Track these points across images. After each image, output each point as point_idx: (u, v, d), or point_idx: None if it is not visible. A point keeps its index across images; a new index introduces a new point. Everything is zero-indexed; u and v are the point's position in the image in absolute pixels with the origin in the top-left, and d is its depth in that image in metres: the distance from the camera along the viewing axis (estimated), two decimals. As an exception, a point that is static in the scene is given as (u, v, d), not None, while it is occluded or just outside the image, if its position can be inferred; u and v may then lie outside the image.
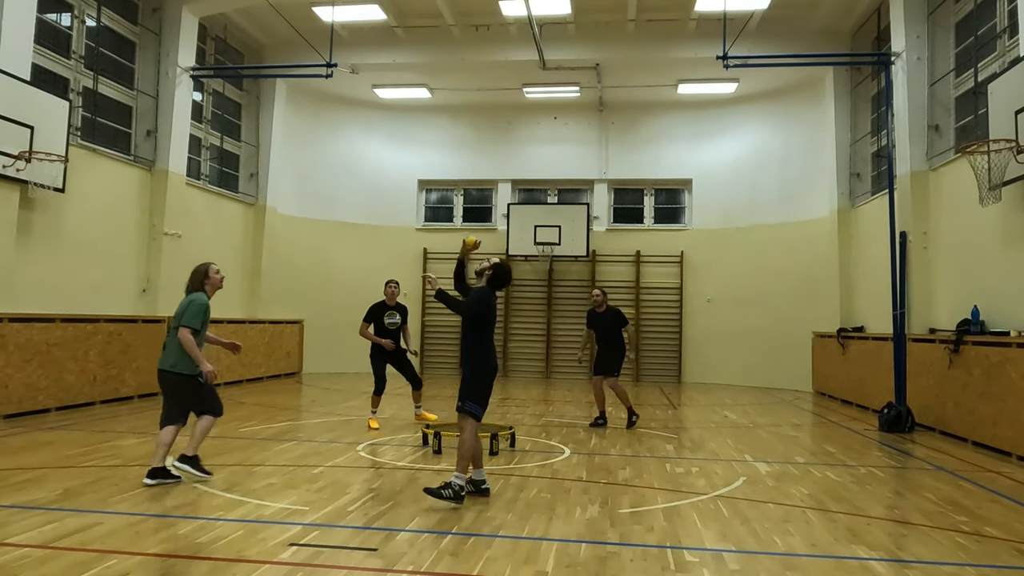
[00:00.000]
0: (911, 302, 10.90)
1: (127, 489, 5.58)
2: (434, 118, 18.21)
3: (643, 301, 17.20)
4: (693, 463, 7.27)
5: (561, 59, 14.91)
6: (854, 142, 14.55)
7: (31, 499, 5.20)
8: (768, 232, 16.29)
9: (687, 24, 14.12)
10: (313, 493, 5.63)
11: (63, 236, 10.61)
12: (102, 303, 11.23)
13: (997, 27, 9.84)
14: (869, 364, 11.87)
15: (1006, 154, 8.15)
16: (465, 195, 18.65)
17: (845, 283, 14.35)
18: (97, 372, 10.36)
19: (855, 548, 4.55)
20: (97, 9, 11.66)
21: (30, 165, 9.34)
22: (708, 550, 4.45)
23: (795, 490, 6.14)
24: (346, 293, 17.36)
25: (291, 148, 16.92)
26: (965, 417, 8.76)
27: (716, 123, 17.21)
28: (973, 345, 8.67)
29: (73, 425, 8.66)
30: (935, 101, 11.14)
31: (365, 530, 4.73)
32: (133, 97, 12.58)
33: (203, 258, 6.96)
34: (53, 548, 4.14)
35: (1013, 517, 5.40)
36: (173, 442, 5.91)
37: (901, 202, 11.16)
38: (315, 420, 9.68)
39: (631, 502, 5.60)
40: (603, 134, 17.79)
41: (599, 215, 17.71)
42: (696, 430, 9.54)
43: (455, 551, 4.32)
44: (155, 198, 12.51)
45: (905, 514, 5.46)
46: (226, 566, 3.95)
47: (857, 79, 14.58)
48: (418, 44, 15.13)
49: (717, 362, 16.67)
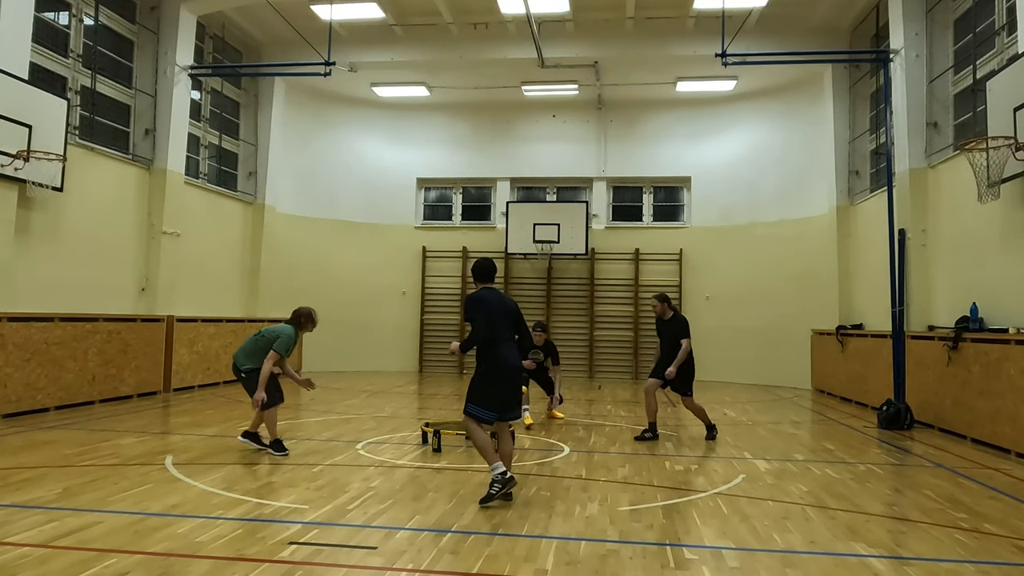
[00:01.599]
0: (910, 299, 10.91)
1: (127, 488, 5.58)
2: (433, 116, 18.21)
3: (642, 299, 17.19)
4: (692, 461, 7.28)
5: (560, 57, 14.91)
6: (853, 139, 14.55)
7: (30, 498, 5.20)
8: (767, 230, 16.29)
9: (686, 22, 14.11)
10: (313, 492, 5.63)
11: (62, 235, 10.60)
12: (101, 302, 11.22)
13: (996, 24, 9.84)
14: (868, 361, 11.88)
15: (1005, 151, 8.15)
16: (464, 193, 18.65)
17: (844, 280, 14.36)
18: (96, 371, 10.36)
19: (854, 545, 4.56)
20: (95, 8, 11.65)
21: (28, 164, 9.33)
22: (707, 547, 4.46)
23: (794, 487, 6.15)
24: (345, 291, 17.40)
25: (290, 147, 16.92)
26: (964, 414, 8.77)
27: (715, 121, 17.21)
28: (972, 342, 8.68)
29: (72, 424, 8.66)
30: (934, 98, 11.14)
31: (365, 528, 4.73)
32: (131, 96, 12.57)
33: (202, 258, 7.04)
34: (53, 547, 4.14)
35: (1012, 514, 5.40)
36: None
37: (900, 199, 11.16)
38: (314, 419, 9.67)
39: (631, 500, 5.61)
40: (602, 132, 17.78)
41: (598, 213, 17.72)
42: (695, 428, 9.53)
43: (455, 549, 4.32)
44: (154, 197, 12.50)
45: (904, 511, 5.47)
46: (226, 565, 3.95)
47: (856, 76, 14.58)
48: (417, 42, 15.12)
49: (716, 360, 16.65)
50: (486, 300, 5.52)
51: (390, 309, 17.77)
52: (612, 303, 17.40)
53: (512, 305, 5.70)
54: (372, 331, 17.55)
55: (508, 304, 5.65)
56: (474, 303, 5.51)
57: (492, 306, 5.50)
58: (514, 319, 5.64)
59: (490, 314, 5.46)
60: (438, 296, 17.84)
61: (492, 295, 5.60)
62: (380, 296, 17.80)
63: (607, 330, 17.33)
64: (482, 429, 5.52)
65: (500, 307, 5.55)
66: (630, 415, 10.64)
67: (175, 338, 12.09)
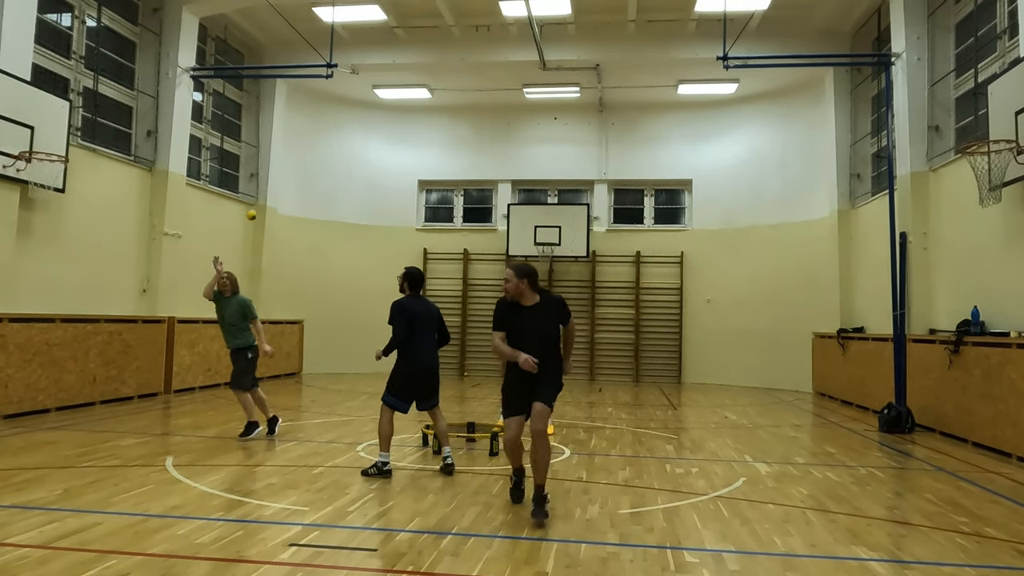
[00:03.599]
0: (911, 303, 10.90)
1: (127, 489, 5.58)
2: (434, 118, 18.22)
3: (643, 302, 17.20)
4: (693, 463, 7.27)
5: (561, 59, 14.92)
6: (854, 143, 14.55)
7: (31, 499, 5.20)
8: (768, 233, 16.29)
9: (687, 25, 14.13)
10: (313, 493, 5.63)
11: (63, 236, 10.61)
12: (102, 303, 11.23)
13: (997, 28, 9.84)
14: (869, 365, 11.87)
15: (1006, 155, 8.15)
16: (465, 195, 18.65)
17: (845, 284, 14.36)
18: (97, 372, 10.36)
19: (855, 549, 4.55)
20: (97, 9, 11.67)
21: (30, 165, 9.34)
22: (708, 551, 4.45)
23: (795, 491, 6.14)
24: (346, 293, 17.41)
25: (291, 148, 16.93)
26: (965, 418, 8.76)
27: (716, 124, 17.22)
28: (973, 346, 8.67)
29: (73, 425, 8.66)
30: (935, 102, 11.14)
31: (365, 530, 4.73)
32: (133, 97, 12.59)
33: (204, 259, 7.12)
34: (53, 548, 4.14)
35: (1013, 518, 5.40)
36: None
37: (901, 203, 11.16)
38: (315, 420, 9.67)
39: (631, 502, 5.60)
40: (603, 134, 17.79)
41: (599, 215, 17.72)
42: (696, 430, 9.54)
43: (455, 551, 4.32)
44: (155, 198, 12.51)
45: (905, 515, 5.46)
46: (226, 566, 3.95)
47: (857, 80, 14.58)
48: (418, 44, 15.14)
49: (717, 363, 16.68)
50: (408, 307, 6.37)
51: (391, 311, 17.73)
52: (613, 305, 17.39)
53: (434, 311, 6.60)
54: (373, 333, 17.46)
55: (431, 309, 6.56)
56: (397, 310, 6.34)
57: (413, 312, 6.36)
58: (435, 323, 6.55)
59: (411, 320, 6.33)
60: (439, 298, 17.80)
61: (414, 302, 6.45)
62: (381, 298, 17.48)
63: (608, 332, 17.32)
64: (391, 416, 6.45)
65: (423, 312, 6.44)
66: (631, 418, 10.63)
67: (176, 339, 12.10)
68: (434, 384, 6.61)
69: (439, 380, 6.71)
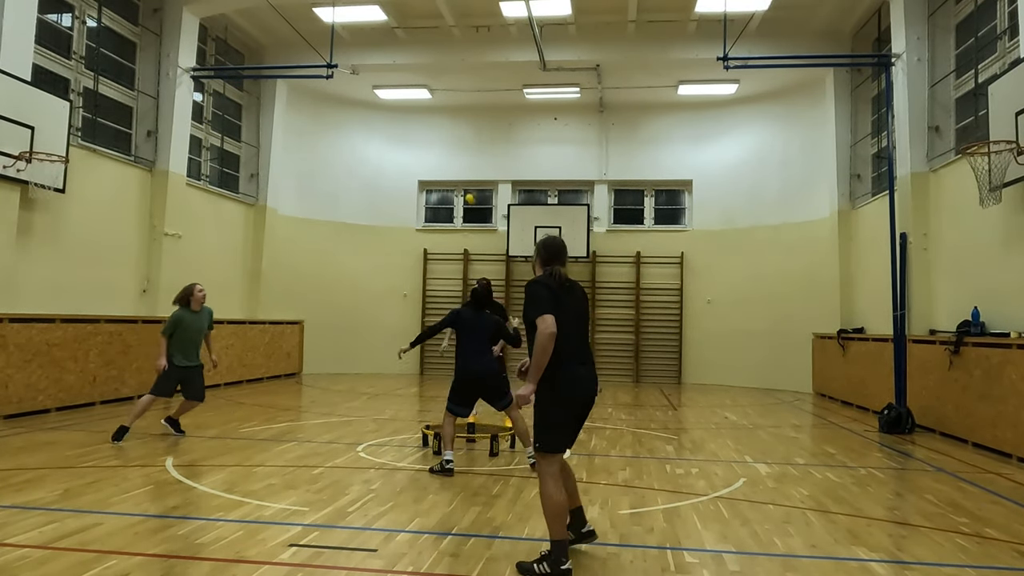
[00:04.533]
0: (911, 303, 10.90)
1: (127, 490, 5.58)
2: (434, 119, 18.22)
3: (643, 302, 17.20)
4: (693, 464, 7.27)
5: (561, 60, 14.92)
6: (854, 143, 14.55)
7: (31, 499, 5.20)
8: (768, 233, 16.29)
9: (687, 25, 14.12)
10: (313, 494, 5.63)
11: (63, 237, 10.61)
12: (102, 303, 11.23)
13: (997, 28, 9.84)
14: (869, 365, 11.87)
15: (1006, 155, 8.15)
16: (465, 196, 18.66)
17: (845, 284, 14.35)
18: (97, 372, 10.36)
19: (855, 549, 4.55)
20: (98, 10, 11.67)
21: (31, 165, 9.34)
22: (708, 551, 4.45)
23: (795, 491, 6.14)
24: (346, 294, 17.42)
25: (291, 149, 16.93)
26: (965, 418, 8.76)
27: (716, 124, 17.22)
28: (973, 346, 8.67)
29: (73, 425, 8.66)
30: (935, 102, 11.14)
31: (365, 531, 4.73)
32: (134, 98, 12.59)
33: (204, 259, 7.10)
34: (53, 548, 4.14)
35: (1013, 519, 5.40)
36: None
37: (901, 203, 11.16)
38: (315, 421, 9.67)
39: (631, 503, 5.60)
40: (603, 135, 17.79)
41: (599, 216, 17.72)
42: (696, 431, 9.54)
43: (455, 552, 4.32)
44: (155, 199, 12.51)
45: (905, 515, 5.46)
46: (226, 567, 3.95)
47: (857, 80, 14.58)
48: (418, 45, 15.14)
49: (717, 363, 16.67)
50: (460, 314, 6.87)
51: (391, 311, 17.76)
52: (613, 306, 17.39)
53: (486, 320, 6.87)
54: (373, 333, 17.54)
55: (483, 319, 6.87)
56: (451, 312, 6.95)
57: (463, 319, 6.83)
58: (484, 332, 6.84)
59: (454, 323, 6.88)
60: (439, 299, 17.82)
61: (468, 312, 6.89)
62: (381, 298, 17.80)
63: (608, 333, 17.31)
64: (452, 420, 6.75)
65: (470, 320, 6.82)
66: (631, 418, 10.63)
67: (176, 340, 12.07)
68: (492, 386, 6.88)
69: (501, 382, 6.97)
